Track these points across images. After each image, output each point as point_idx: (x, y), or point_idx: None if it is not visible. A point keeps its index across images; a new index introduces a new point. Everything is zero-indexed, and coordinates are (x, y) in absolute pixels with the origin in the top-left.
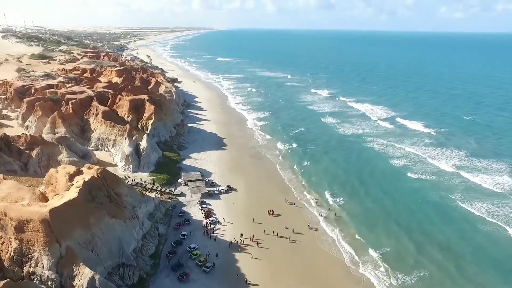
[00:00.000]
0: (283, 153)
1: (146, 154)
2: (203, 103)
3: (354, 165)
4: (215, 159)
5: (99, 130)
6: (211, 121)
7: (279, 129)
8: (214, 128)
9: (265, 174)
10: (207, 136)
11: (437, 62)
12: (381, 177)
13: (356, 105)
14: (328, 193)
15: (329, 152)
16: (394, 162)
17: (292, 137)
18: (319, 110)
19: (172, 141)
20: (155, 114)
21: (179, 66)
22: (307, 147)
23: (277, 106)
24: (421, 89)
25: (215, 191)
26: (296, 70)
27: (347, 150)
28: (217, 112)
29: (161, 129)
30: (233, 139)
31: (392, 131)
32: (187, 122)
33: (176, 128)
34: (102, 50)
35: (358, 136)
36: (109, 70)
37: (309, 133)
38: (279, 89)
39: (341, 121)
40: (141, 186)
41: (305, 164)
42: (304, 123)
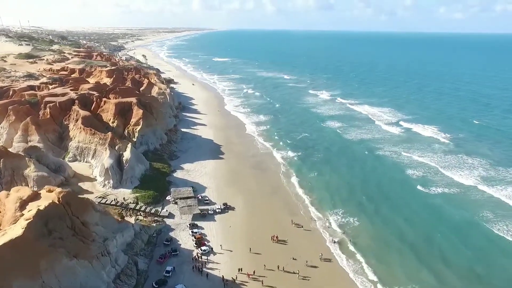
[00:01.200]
0: (286, 162)
1: (130, 167)
2: (199, 106)
3: (363, 177)
4: (210, 170)
5: (78, 138)
6: (207, 126)
7: (281, 135)
8: (210, 134)
9: (267, 188)
10: (202, 143)
11: (437, 62)
12: (392, 192)
13: (358, 107)
14: (340, 212)
15: (336, 161)
16: (403, 173)
17: (295, 144)
18: (321, 113)
19: (162, 150)
20: (143, 119)
21: (176, 66)
22: (312, 155)
23: (277, 109)
24: (423, 90)
25: (209, 211)
26: (296, 70)
27: (354, 159)
28: (215, 115)
29: (150, 136)
30: (231, 146)
31: (398, 137)
32: (181, 127)
33: (168, 134)
34: (96, 50)
35: (364, 143)
36: (99, 70)
37: (313, 139)
38: (279, 90)
39: (345, 126)
40: (121, 206)
41: (311, 176)
42: (306, 127)
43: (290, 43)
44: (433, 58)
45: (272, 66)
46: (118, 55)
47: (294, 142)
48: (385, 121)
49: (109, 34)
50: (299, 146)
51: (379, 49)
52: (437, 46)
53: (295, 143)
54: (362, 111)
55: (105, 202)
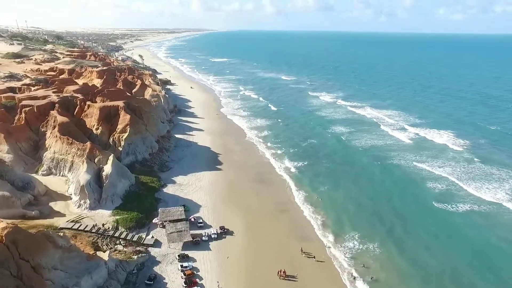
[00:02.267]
0: (291, 174)
1: (111, 183)
2: (196, 109)
3: (378, 191)
4: (206, 183)
5: (53, 148)
6: (204, 131)
7: (283, 141)
8: (207, 140)
9: (271, 206)
10: (198, 151)
11: (439, 63)
12: (410, 210)
13: (361, 110)
14: (356, 236)
15: (346, 173)
16: (419, 187)
17: (300, 152)
18: (324, 117)
19: (152, 160)
20: (131, 125)
21: (174, 67)
22: (319, 165)
23: (277, 112)
24: (426, 91)
25: (203, 237)
26: (297, 71)
27: (365, 169)
28: (213, 120)
29: (138, 145)
30: (230, 155)
31: (408, 144)
32: (175, 133)
33: (160, 142)
34: (92, 50)
35: (373, 151)
36: (90, 71)
37: (318, 147)
38: (280, 92)
39: (350, 131)
40: (97, 233)
41: (321, 190)
42: (310, 133)
43: (290, 44)
44: (434, 59)
45: (272, 67)
46: (115, 55)
47: (298, 149)
48: (392, 125)
49: (109, 35)
50: (304, 154)
51: (379, 50)
52: (437, 47)
53: (299, 150)
54: (365, 114)
55: (78, 228)
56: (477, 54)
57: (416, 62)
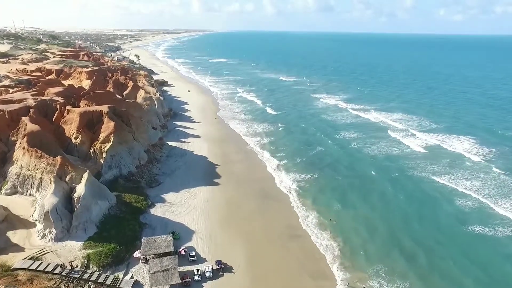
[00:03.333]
0: (299, 189)
1: (84, 207)
2: (194, 112)
3: (394, 211)
4: (201, 202)
5: (20, 162)
6: (201, 138)
7: (288, 149)
8: (204, 149)
9: (278, 231)
10: (194, 161)
11: (441, 64)
12: (432, 234)
13: (367, 114)
14: (382, 271)
15: (358, 187)
16: (441, 206)
17: (306, 162)
18: (329, 121)
19: (140, 174)
20: (115, 133)
21: (172, 67)
22: (329, 178)
23: (279, 116)
24: (431, 93)
25: (196, 276)
26: (297, 72)
27: (379, 183)
28: (211, 124)
29: (123, 156)
30: (229, 166)
31: (423, 154)
32: (169, 140)
33: (151, 151)
34: (87, 49)
35: (384, 160)
36: (79, 71)
37: (325, 155)
38: (281, 94)
39: (357, 137)
40: (60, 275)
41: (333, 209)
42: (315, 139)
43: (290, 44)
44: (436, 59)
45: (272, 67)
46: (111, 55)
47: (303, 159)
48: (400, 131)
49: (108, 35)
50: (310, 165)
51: (379, 50)
52: (438, 47)
53: (304, 160)
54: (371, 118)
55: (37, 268)
56: (479, 54)
57: (418, 62)
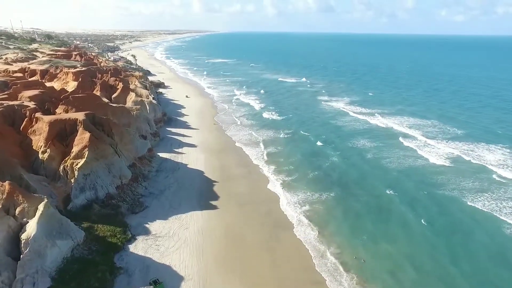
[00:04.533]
0: (314, 215)
1: (33, 253)
2: (191, 117)
3: (425, 244)
4: (195, 233)
5: None
6: (198, 147)
7: (294, 162)
8: (201, 161)
9: (293, 277)
10: (187, 177)
11: (443, 64)
12: None
13: (376, 119)
14: None
15: (380, 211)
16: (484, 237)
17: (316, 179)
18: (337, 128)
19: (121, 196)
20: (91, 147)
21: (170, 68)
22: (343, 199)
23: (284, 122)
24: (438, 95)
25: None
26: (297, 72)
27: (401, 205)
28: (209, 131)
29: (100, 175)
30: (229, 183)
31: (444, 168)
32: (160, 151)
33: (137, 166)
34: (82, 49)
35: (403, 176)
36: (65, 72)
37: (337, 170)
38: (283, 96)
39: (370, 147)
40: None
41: (358, 242)
42: (324, 150)
43: (291, 45)
44: (438, 60)
45: (273, 68)
46: (107, 56)
47: (312, 174)
48: (414, 140)
49: (108, 36)
50: (320, 182)
51: (380, 51)
52: (440, 48)
53: (313, 176)
54: (379, 124)
55: None
56: (481, 55)
57: (420, 62)
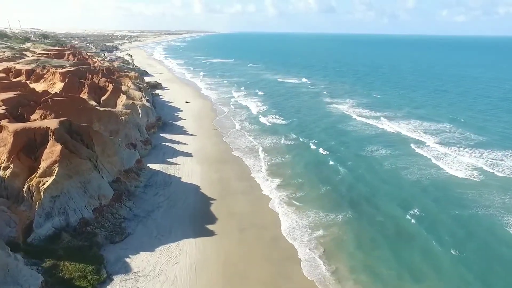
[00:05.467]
0: (322, 242)
1: None
2: (187, 121)
3: (478, 282)
4: (186, 270)
5: None
6: (194, 157)
7: (299, 175)
8: (197, 173)
9: None
10: (181, 194)
11: (446, 64)
12: None
13: (384, 123)
14: None
15: (399, 240)
16: None
17: (324, 196)
18: (342, 134)
19: (98, 221)
20: (62, 162)
21: (169, 68)
22: (356, 223)
23: (287, 127)
24: (445, 96)
25: None
26: (300, 73)
27: (424, 232)
28: (207, 137)
29: (73, 196)
30: (228, 200)
31: (467, 182)
32: (151, 161)
33: (122, 181)
34: (78, 49)
35: (421, 192)
36: (52, 72)
37: (345, 185)
38: (284, 98)
39: (379, 157)
40: None
41: (385, 281)
42: (336, 159)
43: (291, 45)
44: (441, 60)
45: (273, 68)
46: (104, 55)
47: (319, 191)
48: (428, 147)
49: (108, 36)
50: (328, 201)
51: (381, 51)
52: (441, 48)
53: (320, 193)
54: (387, 128)
55: None
56: (484, 55)
57: (422, 63)
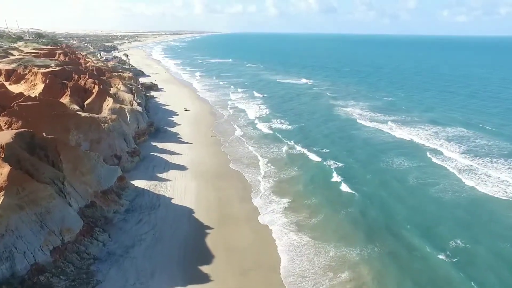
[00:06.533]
0: None
1: None
2: (184, 127)
3: None
4: None
5: None
6: (189, 170)
7: (310, 197)
8: (191, 192)
9: None
10: (170, 221)
11: (450, 64)
12: None
13: (394, 130)
14: None
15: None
16: None
17: (347, 227)
18: (355, 141)
19: (57, 265)
20: (9, 189)
21: (167, 68)
22: (393, 271)
23: (290, 132)
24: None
25: None
26: (301, 73)
27: (487, 280)
28: (205, 146)
29: (24, 234)
30: (228, 231)
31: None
32: (137, 177)
33: (96, 207)
34: (72, 48)
35: (470, 226)
36: (34, 72)
37: (370, 211)
38: (286, 99)
39: (404, 170)
40: None
41: None
42: (345, 174)
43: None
44: (444, 60)
45: (273, 68)
46: (100, 55)
47: (337, 216)
48: (448, 159)
49: (108, 36)
50: (353, 231)
51: (383, 51)
52: (443, 48)
53: (340, 220)
54: (398, 135)
55: None
56: (487, 55)
57: (425, 63)
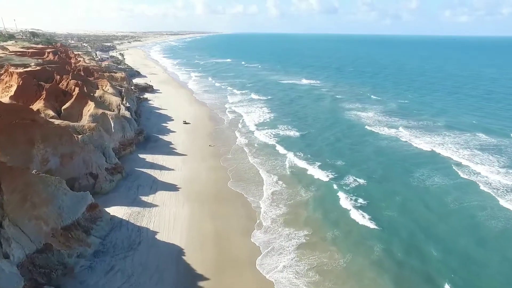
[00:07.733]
0: None
1: None
2: (178, 134)
3: None
4: None
5: None
6: (181, 191)
7: (324, 233)
8: (181, 222)
9: None
10: (151, 267)
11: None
12: None
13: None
14: None
15: None
16: None
17: (369, 275)
18: (366, 151)
19: None
20: None
21: (165, 69)
22: None
23: (294, 142)
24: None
25: None
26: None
27: None
28: (201, 159)
29: None
30: (227, 284)
31: None
32: (115, 203)
33: (52, 250)
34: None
35: None
36: (10, 72)
37: (397, 255)
38: (295, 102)
39: (428, 191)
40: None
41: None
42: (361, 199)
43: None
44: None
45: (272, 68)
46: (96, 54)
47: (358, 259)
48: (476, 174)
49: (109, 36)
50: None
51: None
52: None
53: (362, 265)
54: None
55: None
56: (491, 55)
57: (430, 63)
